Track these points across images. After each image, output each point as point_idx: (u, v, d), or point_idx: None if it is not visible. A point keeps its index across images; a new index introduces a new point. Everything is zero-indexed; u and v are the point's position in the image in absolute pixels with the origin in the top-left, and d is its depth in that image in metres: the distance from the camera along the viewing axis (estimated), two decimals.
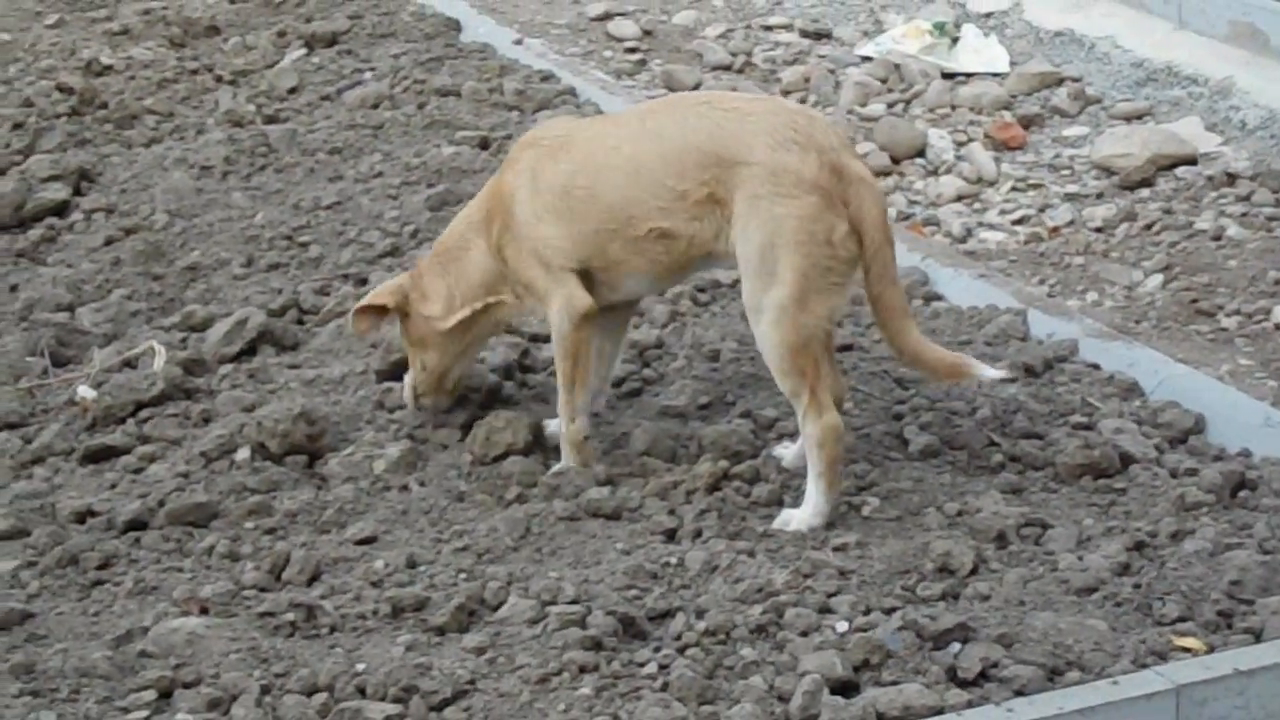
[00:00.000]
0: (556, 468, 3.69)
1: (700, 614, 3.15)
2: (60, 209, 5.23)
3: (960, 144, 5.93)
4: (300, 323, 4.49)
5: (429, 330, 3.79)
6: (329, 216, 5.00)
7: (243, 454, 3.80)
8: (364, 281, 4.65)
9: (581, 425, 3.69)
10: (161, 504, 3.63)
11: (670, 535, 3.48)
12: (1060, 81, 6.36)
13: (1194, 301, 4.85)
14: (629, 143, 3.57)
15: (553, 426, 3.83)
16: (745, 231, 3.42)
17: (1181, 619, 3.18)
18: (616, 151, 3.57)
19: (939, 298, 4.56)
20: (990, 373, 3.60)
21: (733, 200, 3.43)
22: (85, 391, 4.09)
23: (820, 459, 3.47)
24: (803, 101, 6.41)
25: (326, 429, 3.85)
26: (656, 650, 3.08)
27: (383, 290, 3.86)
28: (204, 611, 3.26)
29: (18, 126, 5.78)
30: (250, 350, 4.30)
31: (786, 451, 3.71)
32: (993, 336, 4.28)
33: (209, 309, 4.52)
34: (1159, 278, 5.00)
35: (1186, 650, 3.09)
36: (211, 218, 5.07)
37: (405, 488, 3.68)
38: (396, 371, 4.09)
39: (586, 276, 3.64)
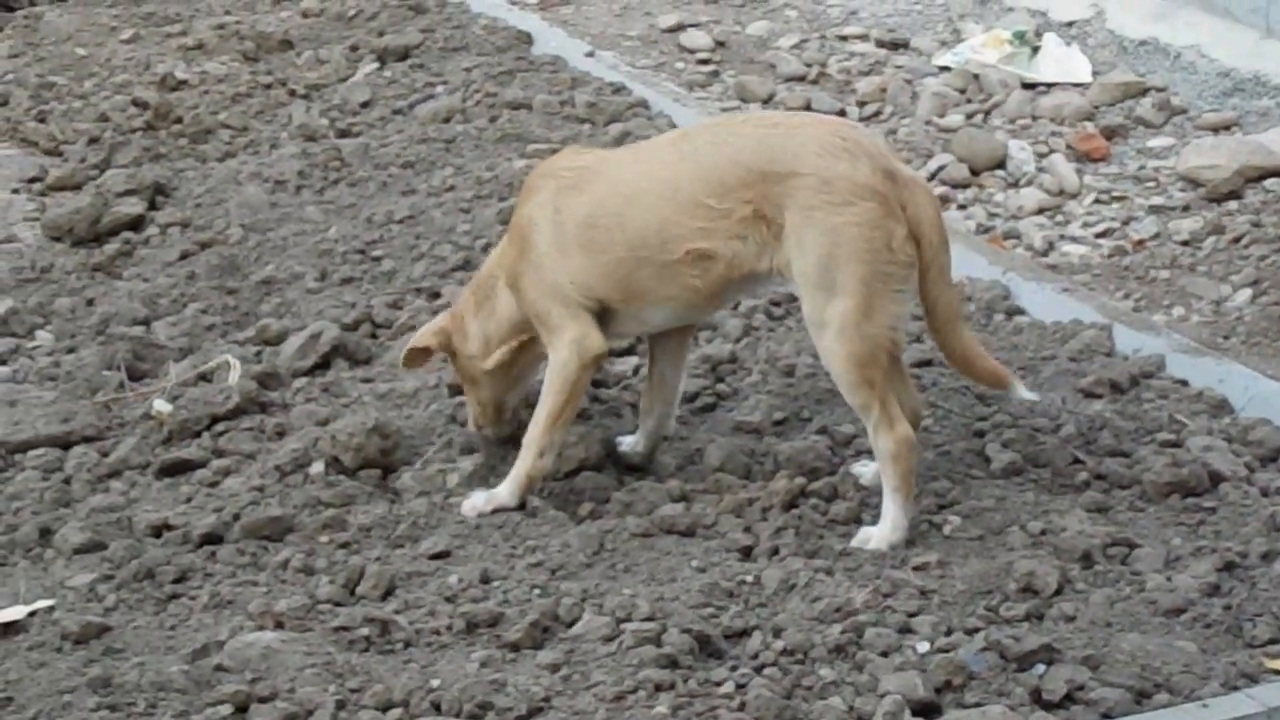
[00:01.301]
0: (485, 497, 3.64)
1: (778, 633, 3.15)
2: (136, 223, 5.31)
3: (1041, 155, 5.89)
4: (373, 336, 4.53)
5: (475, 368, 3.81)
6: (401, 230, 5.05)
7: (317, 468, 3.84)
8: (436, 295, 4.69)
9: (548, 463, 3.66)
10: (237, 518, 3.68)
11: (746, 553, 3.48)
12: (1144, 91, 6.30)
13: None
14: (663, 166, 3.55)
15: (626, 444, 3.84)
16: (801, 245, 3.41)
17: (1273, 640, 3.15)
18: (649, 176, 3.55)
19: (1021, 312, 4.54)
20: (1025, 394, 3.61)
21: (782, 215, 3.43)
22: (161, 405, 4.15)
23: (895, 472, 3.46)
24: (878, 113, 6.41)
25: (400, 443, 3.88)
26: (733, 669, 3.08)
27: (426, 332, 3.88)
28: (279, 625, 3.29)
29: (94, 141, 5.89)
30: (324, 364, 4.35)
31: (865, 469, 3.70)
32: (1077, 352, 4.25)
33: (283, 323, 4.57)
34: (1248, 292, 4.94)
35: (1278, 673, 3.05)
36: (285, 232, 5.13)
37: None
38: None
39: (607, 313, 3.62)
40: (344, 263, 4.92)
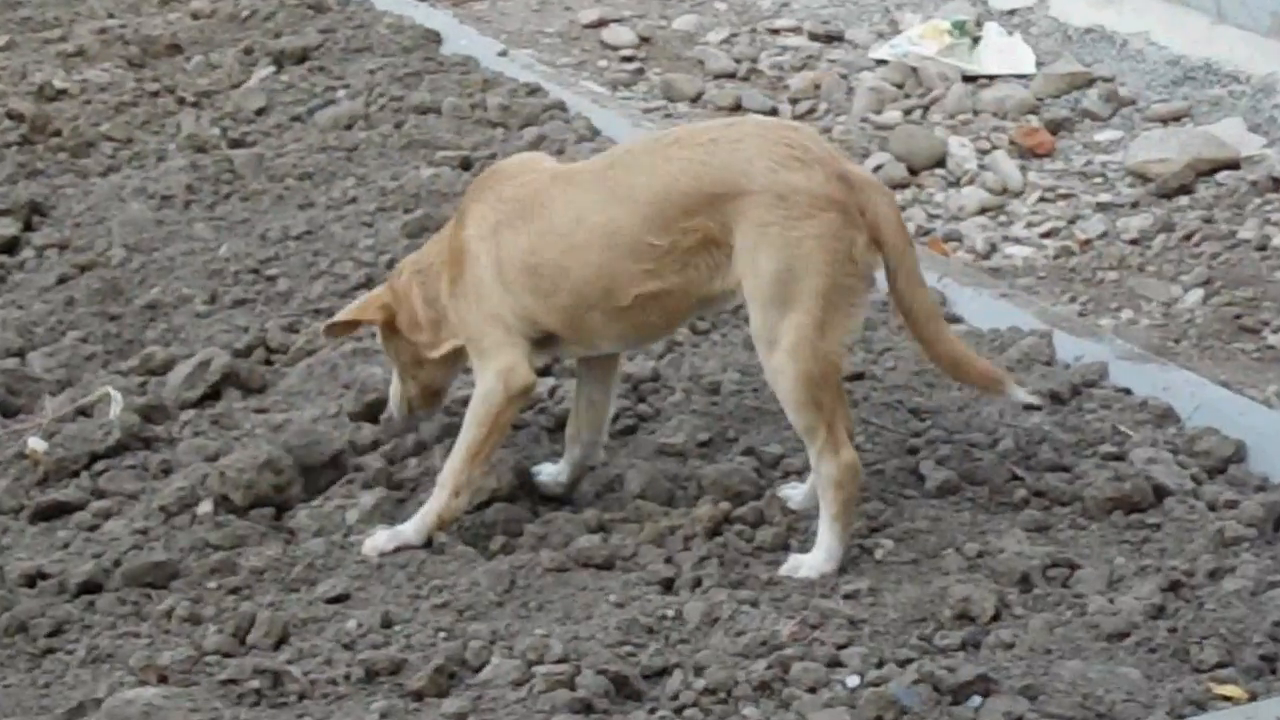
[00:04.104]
0: (388, 535, 3.62)
1: (699, 671, 3.16)
2: (10, 246, 5.27)
3: (983, 152, 5.96)
4: (268, 363, 4.51)
5: (418, 354, 3.81)
6: (299, 247, 5.04)
7: (205, 507, 3.82)
8: None
9: (463, 503, 3.65)
10: (117, 564, 3.65)
11: (667, 585, 3.49)
12: (1090, 82, 6.39)
13: (1237, 318, 4.86)
14: (595, 209, 3.54)
15: (546, 474, 3.84)
16: (755, 263, 3.43)
17: (1221, 665, 3.18)
18: (583, 223, 3.54)
19: (958, 320, 4.58)
20: (1022, 395, 3.64)
21: (732, 235, 3.44)
22: (36, 443, 4.11)
23: (836, 500, 3.48)
24: (812, 110, 6.45)
25: (295, 478, 3.87)
26: (652, 712, 3.09)
27: (367, 305, 3.84)
28: (162, 680, 3.27)
29: None
30: (214, 394, 4.33)
31: (794, 491, 3.72)
32: (1015, 361, 4.29)
33: (169, 350, 4.55)
34: (1199, 292, 5.01)
35: (1227, 699, 3.09)
36: (172, 251, 5.11)
37: None
38: (371, 413, 4.12)
39: (553, 338, 3.63)
40: (236, 284, 4.89)
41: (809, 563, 3.50)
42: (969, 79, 6.52)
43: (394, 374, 3.93)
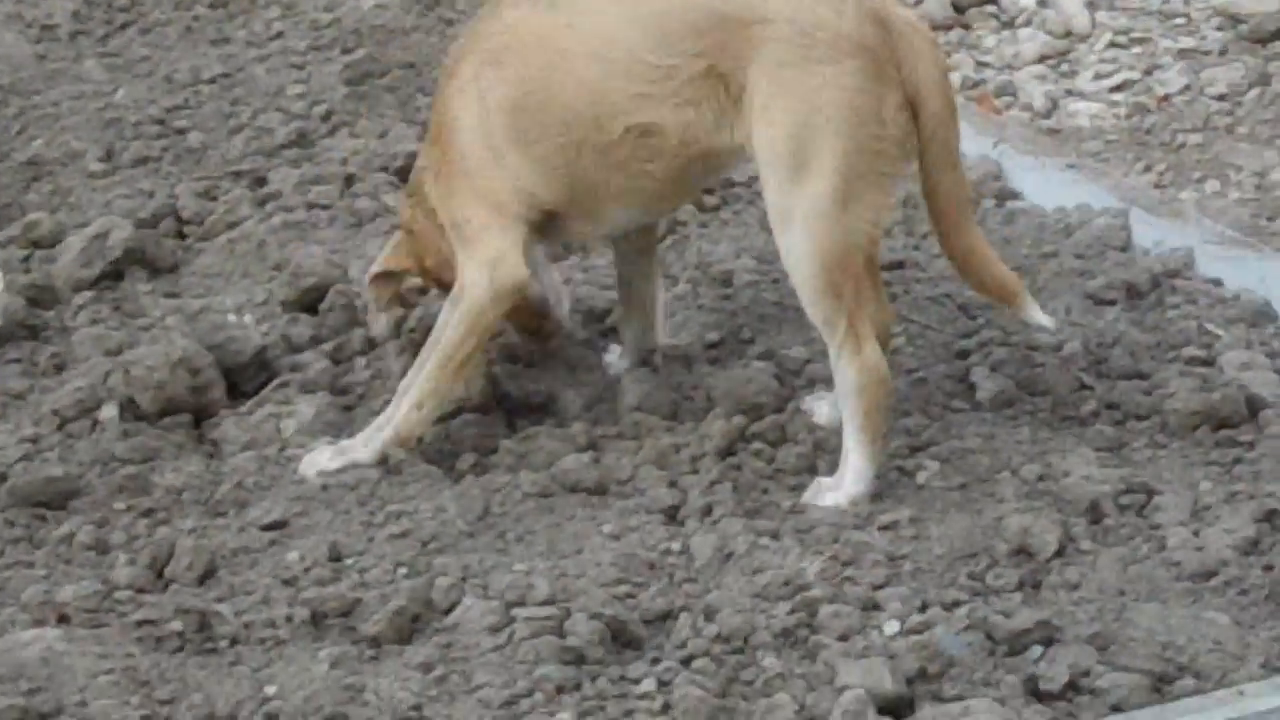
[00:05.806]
0: (332, 451, 3.65)
1: (710, 615, 3.21)
2: None
3: None
4: (180, 236, 4.51)
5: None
6: (213, 93, 5.03)
7: (108, 412, 3.83)
8: (262, 181, 4.66)
9: (428, 418, 3.67)
10: (3, 480, 3.67)
11: (671, 515, 3.53)
12: None
13: None
14: (588, 15, 3.56)
15: (609, 357, 3.90)
16: (767, 113, 3.45)
17: None
18: (576, 31, 3.56)
19: (1015, 195, 4.60)
20: (1039, 318, 3.66)
21: (744, 73, 3.46)
22: None
23: (860, 409, 3.52)
24: None
25: (216, 379, 3.88)
26: (655, 663, 3.14)
27: (399, 249, 3.82)
28: (63, 620, 3.29)
29: None
30: (114, 274, 4.32)
31: (821, 403, 3.76)
32: (1085, 247, 4.31)
33: (57, 219, 4.54)
34: None
35: None
36: (57, 95, 5.09)
37: None
38: (308, 301, 4.13)
39: (554, 220, 3.64)
40: (137, 137, 4.87)
41: (835, 487, 3.55)
42: None
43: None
